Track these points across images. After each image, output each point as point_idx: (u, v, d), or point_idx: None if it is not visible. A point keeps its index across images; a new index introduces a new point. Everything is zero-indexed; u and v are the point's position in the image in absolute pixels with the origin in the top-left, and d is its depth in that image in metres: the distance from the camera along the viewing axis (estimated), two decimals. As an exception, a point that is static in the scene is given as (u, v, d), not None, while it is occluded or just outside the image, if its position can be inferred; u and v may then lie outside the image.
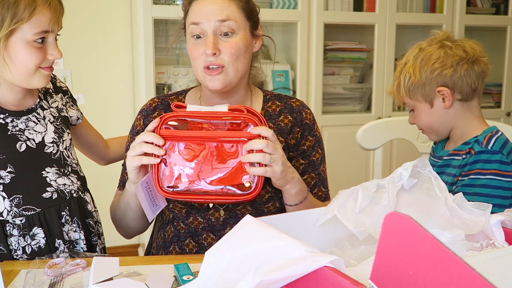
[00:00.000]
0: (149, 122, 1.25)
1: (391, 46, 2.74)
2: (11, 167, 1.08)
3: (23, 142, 1.10)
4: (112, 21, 2.70)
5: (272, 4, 2.56)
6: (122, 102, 2.78)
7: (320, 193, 1.27)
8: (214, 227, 1.18)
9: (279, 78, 2.67)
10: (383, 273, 0.53)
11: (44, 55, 1.06)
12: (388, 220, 0.52)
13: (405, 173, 0.87)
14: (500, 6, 3.03)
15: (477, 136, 1.25)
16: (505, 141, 1.22)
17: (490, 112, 3.01)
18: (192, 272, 0.92)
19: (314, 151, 1.27)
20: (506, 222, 0.81)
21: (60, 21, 1.08)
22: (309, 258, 0.60)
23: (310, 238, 0.83)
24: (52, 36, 1.07)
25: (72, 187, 1.17)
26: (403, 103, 1.36)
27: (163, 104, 1.28)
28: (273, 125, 1.24)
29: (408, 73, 1.28)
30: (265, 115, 1.25)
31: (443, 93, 1.26)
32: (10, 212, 1.08)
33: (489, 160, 1.19)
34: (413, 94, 1.29)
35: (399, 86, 1.32)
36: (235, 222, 1.16)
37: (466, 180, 1.20)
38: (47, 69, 1.08)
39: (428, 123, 1.31)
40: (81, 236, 1.17)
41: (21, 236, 1.09)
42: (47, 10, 1.04)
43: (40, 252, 1.10)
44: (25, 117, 1.12)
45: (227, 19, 1.13)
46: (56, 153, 1.15)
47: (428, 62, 1.26)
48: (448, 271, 0.45)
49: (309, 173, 1.26)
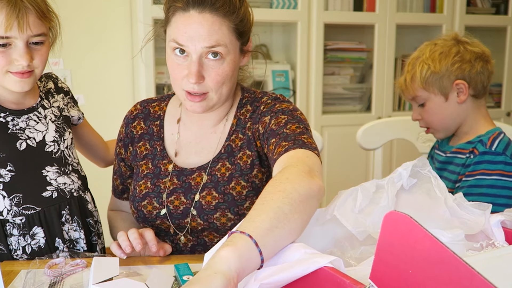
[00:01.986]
0: (129, 131, 1.23)
1: (391, 46, 2.74)
2: (11, 165, 1.08)
3: (23, 141, 1.10)
4: (112, 21, 2.70)
5: (272, 4, 2.56)
6: (122, 102, 2.78)
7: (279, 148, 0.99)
8: (182, 252, 1.16)
9: (279, 78, 2.67)
10: (383, 272, 0.53)
11: (9, 60, 1.01)
12: (388, 220, 0.52)
13: (405, 173, 0.87)
14: (500, 6, 3.03)
15: (481, 136, 1.26)
16: (508, 143, 1.24)
17: (490, 112, 2.96)
18: (192, 272, 0.92)
19: (272, 122, 1.07)
20: (506, 222, 0.81)
21: (25, 25, 0.99)
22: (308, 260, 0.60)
23: (310, 238, 0.83)
24: (18, 41, 1.00)
25: (73, 186, 1.16)
26: (412, 98, 1.34)
27: (144, 112, 1.23)
28: (242, 136, 1.13)
29: (426, 64, 1.27)
30: (237, 125, 1.14)
31: (460, 86, 1.27)
32: (10, 211, 1.08)
33: (493, 161, 1.21)
34: (429, 85, 1.28)
35: (414, 77, 1.30)
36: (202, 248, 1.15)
37: (472, 180, 1.21)
38: (18, 74, 1.03)
39: (439, 117, 1.30)
40: (81, 235, 1.17)
41: (21, 235, 1.09)
42: (1, 13, 0.96)
43: (40, 252, 1.10)
44: (26, 116, 1.12)
45: (216, 45, 1.00)
46: (56, 152, 1.15)
47: (448, 55, 1.27)
48: (448, 270, 0.45)
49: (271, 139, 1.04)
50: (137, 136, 1.22)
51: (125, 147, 1.24)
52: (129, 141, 1.23)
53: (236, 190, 1.10)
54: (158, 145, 1.19)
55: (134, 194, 1.17)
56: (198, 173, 1.13)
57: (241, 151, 1.12)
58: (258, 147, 1.12)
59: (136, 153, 1.21)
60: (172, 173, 1.15)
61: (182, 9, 1.01)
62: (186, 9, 1.01)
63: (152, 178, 1.16)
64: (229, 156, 1.12)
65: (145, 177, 1.17)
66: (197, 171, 1.13)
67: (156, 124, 1.21)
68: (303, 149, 0.94)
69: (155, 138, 1.20)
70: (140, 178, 1.18)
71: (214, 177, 1.11)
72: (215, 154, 1.13)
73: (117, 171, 1.28)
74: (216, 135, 1.16)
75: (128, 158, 1.23)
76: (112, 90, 2.76)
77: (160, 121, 1.21)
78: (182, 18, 1.01)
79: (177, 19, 1.02)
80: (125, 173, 1.26)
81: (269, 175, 1.13)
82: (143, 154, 1.20)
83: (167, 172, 1.15)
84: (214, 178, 1.11)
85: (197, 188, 1.11)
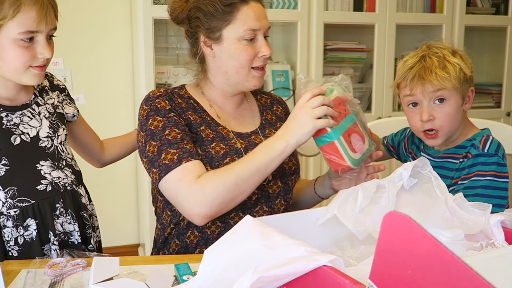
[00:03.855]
0: (173, 103, 1.22)
1: (391, 46, 2.74)
2: (5, 159, 1.10)
3: (17, 136, 1.12)
4: (112, 21, 2.70)
5: (272, 4, 2.56)
6: (122, 102, 2.78)
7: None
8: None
9: (279, 78, 2.67)
10: (382, 273, 0.53)
11: (33, 54, 1.06)
12: (387, 220, 0.52)
13: (405, 173, 0.87)
14: (500, 6, 3.03)
15: (471, 139, 1.27)
16: (498, 144, 1.26)
17: (490, 112, 3.00)
18: (192, 272, 0.92)
19: None
20: (506, 222, 0.81)
21: (49, 20, 1.06)
22: (308, 257, 0.60)
23: (310, 238, 0.83)
24: (41, 35, 1.06)
25: (66, 180, 1.18)
26: (437, 89, 1.22)
27: (167, 92, 1.26)
28: (272, 114, 1.39)
29: (456, 64, 1.23)
30: (262, 106, 1.40)
31: (470, 94, 1.27)
32: (5, 204, 1.10)
33: (486, 162, 1.21)
34: (460, 85, 1.23)
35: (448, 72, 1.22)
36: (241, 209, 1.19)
37: (467, 182, 1.22)
38: (38, 68, 1.08)
39: (452, 119, 1.24)
40: (75, 228, 1.19)
41: (14, 227, 1.11)
42: (32, 10, 1.03)
43: (31, 244, 1.12)
44: (20, 112, 1.14)
45: (269, 25, 1.26)
46: (50, 147, 1.17)
47: (468, 61, 1.26)
48: (447, 270, 0.45)
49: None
50: (181, 107, 1.23)
51: (178, 114, 1.21)
52: (178, 110, 1.22)
53: None
54: (206, 115, 1.26)
55: (209, 156, 1.17)
56: (254, 135, 1.29)
57: (277, 123, 1.37)
58: None
59: (190, 121, 1.22)
60: (235, 135, 1.26)
61: (243, 2, 1.20)
62: (246, 2, 1.21)
63: (221, 140, 1.22)
64: (270, 125, 1.35)
65: (214, 140, 1.21)
66: (253, 134, 1.30)
67: (190, 101, 1.28)
68: None
69: (199, 111, 1.27)
70: (208, 141, 1.20)
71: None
72: (258, 124, 1.34)
73: (183, 136, 1.16)
74: (247, 111, 1.36)
75: (184, 124, 1.20)
76: (112, 90, 2.76)
77: (192, 99, 1.29)
78: (250, 8, 1.21)
79: (244, 12, 1.20)
80: (191, 138, 1.19)
81: None
82: (198, 121, 1.23)
83: (230, 135, 1.25)
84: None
85: None
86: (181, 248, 1.22)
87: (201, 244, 1.21)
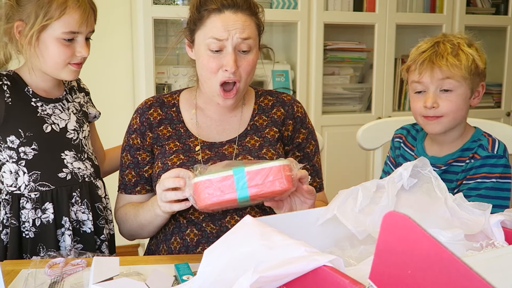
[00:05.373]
0: (145, 119, 1.29)
1: (391, 46, 2.74)
2: (35, 144, 1.19)
3: (49, 125, 1.22)
4: (112, 21, 2.70)
5: (272, 4, 2.56)
6: (122, 102, 2.78)
7: (315, 183, 1.34)
8: (214, 216, 1.19)
9: (279, 78, 2.67)
10: (382, 273, 0.53)
11: (72, 52, 1.18)
12: (387, 220, 0.52)
13: (405, 173, 0.87)
14: (500, 6, 3.03)
15: (476, 140, 1.25)
16: (504, 145, 1.24)
17: (490, 112, 3.00)
18: (192, 272, 0.92)
19: (308, 143, 1.33)
20: (506, 222, 0.81)
21: (90, 23, 1.19)
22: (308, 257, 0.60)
23: (310, 238, 0.83)
24: (81, 36, 1.18)
25: (86, 172, 1.26)
26: (445, 77, 1.19)
27: (158, 101, 1.32)
28: (267, 118, 1.30)
29: (470, 54, 1.19)
30: (258, 109, 1.32)
31: (479, 89, 1.24)
32: (28, 187, 1.19)
33: (495, 164, 1.21)
34: (470, 76, 1.20)
35: (459, 60, 1.19)
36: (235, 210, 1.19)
37: (472, 183, 1.21)
38: (75, 65, 1.20)
39: (458, 110, 1.21)
40: (89, 217, 1.25)
41: (33, 209, 1.19)
42: (76, 13, 1.15)
43: (47, 226, 1.19)
44: (53, 105, 1.25)
45: (248, 38, 1.16)
46: (76, 140, 1.27)
47: (483, 55, 1.23)
48: (447, 270, 0.45)
49: (304, 164, 1.29)
50: (155, 122, 1.29)
51: (141, 135, 1.29)
52: (147, 128, 1.28)
53: (268, 155, 1.23)
54: (181, 127, 1.28)
55: (165, 168, 1.21)
56: (228, 145, 1.25)
57: (267, 128, 1.29)
58: (282, 130, 1.29)
59: (158, 136, 1.27)
60: (202, 147, 1.25)
61: (217, 10, 1.16)
62: (221, 11, 1.15)
63: (183, 152, 1.24)
64: (255, 132, 1.28)
65: (175, 152, 1.24)
66: (227, 143, 1.26)
67: (173, 110, 1.31)
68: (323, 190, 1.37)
69: (176, 122, 1.29)
70: (169, 154, 1.24)
71: (245, 147, 1.25)
72: (241, 131, 1.28)
73: (130, 164, 1.30)
74: (236, 118, 1.30)
75: (148, 143, 1.28)
76: (112, 90, 2.76)
77: (176, 107, 1.31)
78: (219, 18, 1.15)
79: (213, 20, 1.16)
80: (143, 161, 1.29)
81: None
82: (166, 135, 1.27)
83: (197, 147, 1.24)
84: (246, 147, 1.25)
85: (231, 156, 1.23)
86: (183, 247, 1.22)
87: (203, 242, 1.21)
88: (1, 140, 1.18)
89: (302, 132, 1.32)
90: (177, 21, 2.63)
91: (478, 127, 1.32)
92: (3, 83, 1.18)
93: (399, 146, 1.41)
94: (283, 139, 1.30)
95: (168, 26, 2.65)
